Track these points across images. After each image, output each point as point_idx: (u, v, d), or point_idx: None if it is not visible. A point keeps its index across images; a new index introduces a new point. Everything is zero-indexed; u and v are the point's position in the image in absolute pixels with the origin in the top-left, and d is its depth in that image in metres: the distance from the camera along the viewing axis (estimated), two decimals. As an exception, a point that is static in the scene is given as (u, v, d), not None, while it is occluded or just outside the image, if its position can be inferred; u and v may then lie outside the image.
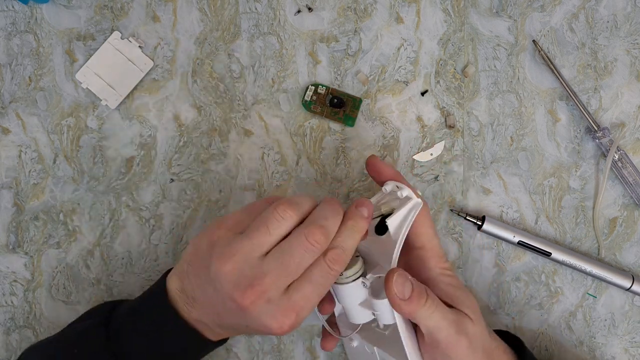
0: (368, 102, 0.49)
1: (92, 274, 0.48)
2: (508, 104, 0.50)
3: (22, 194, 0.48)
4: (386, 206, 0.38)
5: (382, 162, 0.40)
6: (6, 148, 0.48)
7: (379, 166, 0.40)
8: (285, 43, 0.49)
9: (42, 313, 0.48)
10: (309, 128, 0.49)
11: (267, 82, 0.49)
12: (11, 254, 0.48)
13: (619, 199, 0.50)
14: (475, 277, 0.49)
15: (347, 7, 0.49)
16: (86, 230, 0.48)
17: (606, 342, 0.49)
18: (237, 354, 0.48)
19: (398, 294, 0.34)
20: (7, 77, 0.48)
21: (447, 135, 0.49)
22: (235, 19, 0.49)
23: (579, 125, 0.50)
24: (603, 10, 0.50)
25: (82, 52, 0.48)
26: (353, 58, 0.49)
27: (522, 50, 0.50)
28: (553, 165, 0.50)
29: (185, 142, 0.48)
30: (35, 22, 0.48)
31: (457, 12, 0.50)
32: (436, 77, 0.49)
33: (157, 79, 0.48)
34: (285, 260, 0.33)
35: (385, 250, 0.37)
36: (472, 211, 0.49)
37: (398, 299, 0.34)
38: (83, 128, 0.48)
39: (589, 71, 0.50)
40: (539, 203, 0.50)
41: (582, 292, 0.49)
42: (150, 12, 0.49)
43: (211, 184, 0.48)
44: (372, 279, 0.37)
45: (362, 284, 0.36)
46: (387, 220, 0.36)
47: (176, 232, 0.48)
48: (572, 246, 0.50)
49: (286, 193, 0.49)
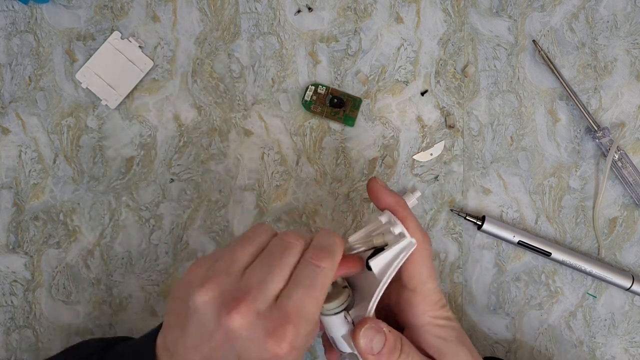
0: (368, 102, 0.49)
1: (92, 274, 0.48)
2: (508, 104, 0.50)
3: (22, 194, 0.48)
4: (379, 238, 0.35)
5: (383, 188, 0.36)
6: (6, 148, 0.48)
7: (377, 193, 0.36)
8: (285, 43, 0.49)
9: (42, 313, 0.48)
10: (309, 128, 0.49)
11: (267, 82, 0.49)
12: (11, 254, 0.48)
13: (619, 199, 0.50)
14: (475, 277, 0.49)
15: (347, 7, 0.49)
16: (86, 230, 0.48)
17: (606, 342, 0.49)
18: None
19: (365, 348, 0.32)
20: (7, 77, 0.48)
21: (447, 135, 0.49)
22: (235, 19, 0.49)
23: (579, 125, 0.50)
24: (603, 10, 0.50)
25: (82, 52, 0.48)
26: (353, 58, 0.49)
27: (522, 50, 0.50)
28: (553, 165, 0.50)
29: (185, 142, 0.48)
30: (35, 22, 0.48)
31: (457, 12, 0.50)
32: (436, 77, 0.49)
33: (157, 79, 0.48)
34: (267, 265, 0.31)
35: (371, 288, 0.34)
36: (472, 211, 0.49)
37: (366, 353, 0.32)
38: (83, 128, 0.48)
39: (589, 71, 0.50)
40: (539, 203, 0.50)
41: (582, 292, 0.49)
42: (150, 12, 0.49)
43: (211, 184, 0.48)
44: (354, 315, 0.35)
45: (344, 318, 0.34)
46: (370, 262, 0.33)
47: (176, 232, 0.48)
48: (572, 246, 0.50)
49: (286, 193, 0.49)
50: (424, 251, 0.35)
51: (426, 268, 0.35)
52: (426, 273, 0.35)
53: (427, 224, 0.49)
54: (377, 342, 0.32)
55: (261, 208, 0.49)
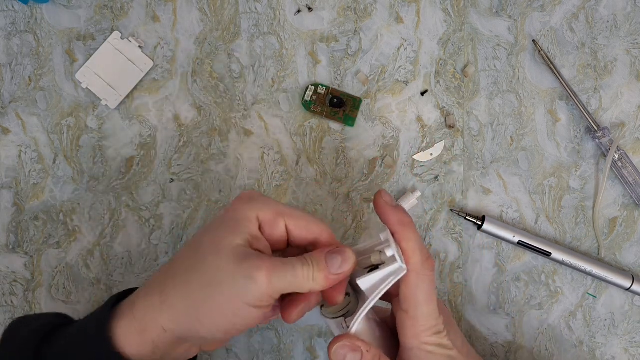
0: (368, 102, 0.49)
1: (92, 274, 0.48)
2: (508, 104, 0.50)
3: (22, 194, 0.48)
4: (376, 255, 0.35)
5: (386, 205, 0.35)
6: (6, 148, 0.48)
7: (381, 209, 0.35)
8: (285, 43, 0.49)
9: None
10: (309, 128, 0.49)
11: (267, 82, 0.49)
12: (11, 254, 0.48)
13: (619, 199, 0.50)
14: (475, 277, 0.49)
15: (347, 7, 0.49)
16: (86, 230, 0.48)
17: (606, 342, 0.49)
18: (237, 354, 0.48)
19: None
20: (7, 77, 0.48)
21: (447, 135, 0.49)
22: (235, 19, 0.49)
23: (579, 125, 0.50)
24: (603, 10, 0.50)
25: (82, 52, 0.48)
26: (353, 58, 0.49)
27: (522, 50, 0.50)
28: (553, 165, 0.50)
29: (185, 142, 0.48)
30: (35, 22, 0.48)
31: (457, 12, 0.50)
32: (436, 77, 0.49)
33: (157, 79, 0.48)
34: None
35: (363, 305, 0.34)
36: (472, 211, 0.49)
37: None
38: (83, 128, 0.48)
39: (589, 71, 0.50)
40: (539, 203, 0.50)
41: (582, 292, 0.49)
42: (150, 12, 0.49)
43: (211, 184, 0.48)
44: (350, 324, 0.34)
45: (340, 324, 0.35)
46: (357, 280, 0.34)
47: (176, 232, 0.48)
48: (572, 246, 0.50)
49: (286, 193, 0.49)
50: (422, 276, 0.34)
51: (422, 292, 0.34)
52: (422, 297, 0.34)
53: (427, 224, 0.49)
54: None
55: (261, 208, 0.49)
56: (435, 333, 0.35)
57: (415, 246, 0.34)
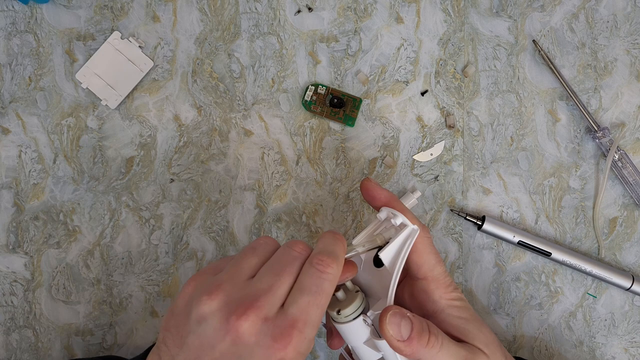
0: (368, 102, 0.49)
1: (92, 274, 0.48)
2: (508, 104, 0.50)
3: (22, 194, 0.48)
4: (381, 237, 0.35)
5: (376, 186, 0.38)
6: (6, 148, 0.48)
7: (372, 190, 0.37)
8: (285, 43, 0.49)
9: (42, 313, 0.48)
10: (309, 128, 0.49)
11: (267, 82, 0.49)
12: (11, 254, 0.48)
13: (619, 199, 0.50)
14: (475, 277, 0.49)
15: (347, 7, 0.49)
16: (86, 230, 0.48)
17: (606, 342, 0.49)
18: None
19: (395, 335, 0.32)
20: (7, 77, 0.48)
21: (447, 135, 0.49)
22: (235, 19, 0.49)
23: (579, 125, 0.50)
24: (603, 10, 0.50)
25: (82, 52, 0.48)
26: (353, 58, 0.49)
27: (522, 50, 0.50)
28: (553, 165, 0.50)
29: (185, 142, 0.48)
30: (35, 22, 0.48)
31: (457, 12, 0.50)
32: (436, 77, 0.49)
33: (157, 79, 0.48)
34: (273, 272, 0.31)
35: (384, 284, 0.34)
36: (472, 211, 0.49)
37: (396, 340, 0.32)
38: (83, 128, 0.48)
39: (589, 71, 0.50)
40: (539, 203, 0.50)
41: (582, 292, 0.49)
42: (150, 12, 0.49)
43: (211, 184, 0.48)
44: (374, 316, 0.34)
45: (363, 322, 0.33)
46: (380, 254, 0.34)
47: (176, 232, 0.48)
48: (572, 246, 0.50)
49: (286, 193, 0.49)
50: (425, 239, 0.36)
51: (432, 254, 0.36)
52: (433, 259, 0.36)
53: (427, 224, 0.49)
54: (404, 327, 0.32)
55: (261, 208, 0.49)
56: (454, 289, 0.37)
57: (410, 214, 0.36)
